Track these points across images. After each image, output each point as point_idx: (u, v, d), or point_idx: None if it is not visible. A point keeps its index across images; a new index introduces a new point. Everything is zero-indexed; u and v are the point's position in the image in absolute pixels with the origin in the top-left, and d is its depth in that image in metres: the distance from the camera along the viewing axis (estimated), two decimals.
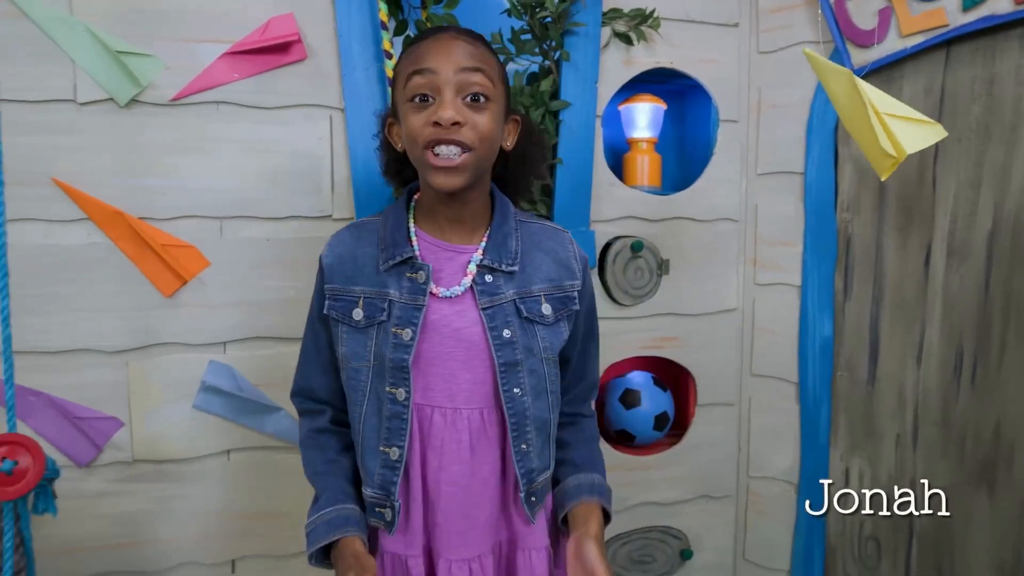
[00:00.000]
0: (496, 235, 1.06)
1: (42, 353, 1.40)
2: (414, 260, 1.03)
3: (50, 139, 1.38)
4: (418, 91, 0.97)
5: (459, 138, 0.96)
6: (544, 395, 1.07)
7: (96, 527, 1.46)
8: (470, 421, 1.03)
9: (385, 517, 1.04)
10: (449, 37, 1.00)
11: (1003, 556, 1.55)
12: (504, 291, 1.03)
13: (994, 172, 1.51)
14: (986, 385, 1.54)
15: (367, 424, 1.04)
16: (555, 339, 1.08)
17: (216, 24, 1.43)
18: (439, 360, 1.02)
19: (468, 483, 1.03)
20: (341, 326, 1.05)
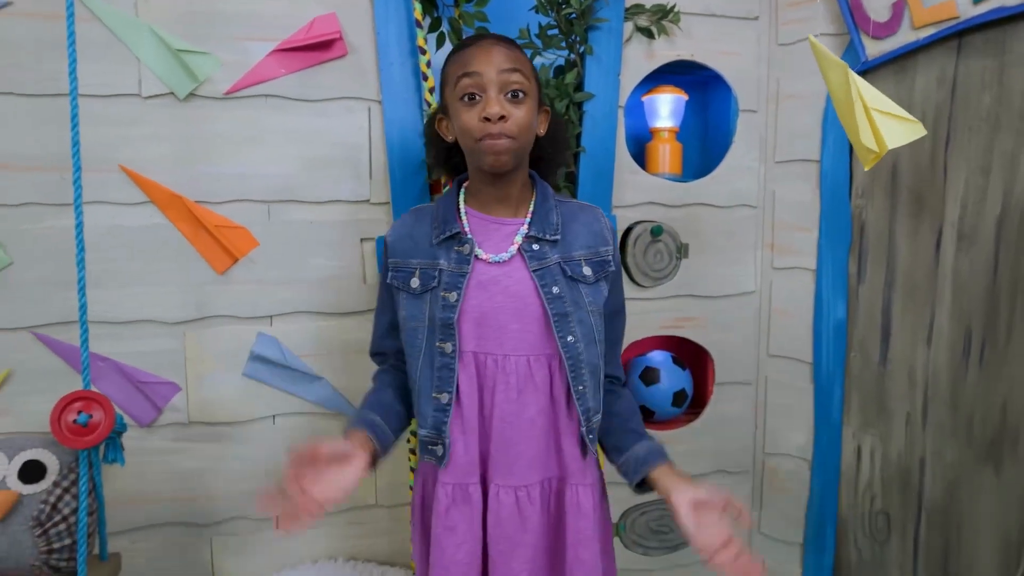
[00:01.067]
0: (539, 211, 1.22)
1: (109, 323, 1.55)
2: (461, 235, 1.19)
3: (117, 130, 1.53)
4: (467, 91, 1.13)
5: (504, 130, 1.12)
6: (594, 343, 1.21)
7: (156, 482, 1.61)
8: (517, 366, 1.18)
9: (437, 453, 1.19)
10: (489, 43, 1.16)
11: (1008, 531, 1.60)
12: (550, 256, 1.19)
13: (1003, 160, 1.55)
14: (993, 366, 1.59)
15: (422, 375, 1.19)
16: (597, 296, 1.22)
17: (265, 24, 1.57)
18: (491, 313, 1.18)
19: (516, 420, 1.18)
20: (401, 293, 1.22)
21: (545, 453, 1.21)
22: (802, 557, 1.92)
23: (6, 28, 1.47)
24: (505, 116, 1.12)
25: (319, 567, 1.65)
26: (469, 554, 1.19)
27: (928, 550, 1.73)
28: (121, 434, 1.35)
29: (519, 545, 1.19)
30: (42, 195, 1.51)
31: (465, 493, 1.19)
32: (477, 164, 1.19)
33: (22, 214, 1.51)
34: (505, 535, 1.19)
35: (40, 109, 1.49)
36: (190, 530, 1.64)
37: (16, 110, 1.49)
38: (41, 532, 1.26)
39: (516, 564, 1.19)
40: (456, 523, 1.19)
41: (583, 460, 1.22)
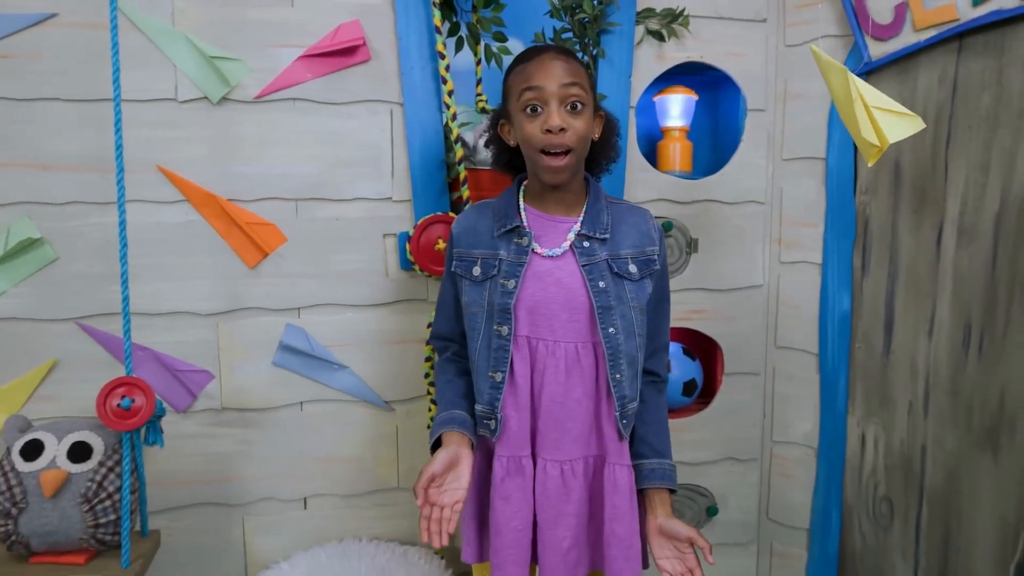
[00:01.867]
0: (591, 211, 1.31)
1: (147, 314, 1.65)
2: (520, 228, 1.30)
3: (155, 132, 1.62)
4: (530, 103, 1.23)
5: (564, 141, 1.22)
6: (633, 336, 1.30)
7: (191, 464, 1.71)
8: (566, 351, 1.28)
9: (490, 427, 1.29)
10: (550, 57, 1.24)
11: (1005, 516, 1.65)
12: (599, 253, 1.29)
13: (1002, 157, 1.61)
14: (992, 356, 1.65)
15: (480, 355, 1.30)
16: (640, 293, 1.31)
17: (293, 31, 1.65)
18: (544, 303, 1.28)
19: (563, 400, 1.28)
20: (464, 280, 1.32)
21: (588, 432, 1.30)
22: (808, 542, 1.99)
23: (51, 38, 1.57)
24: (565, 128, 1.21)
25: (344, 545, 1.74)
26: (523, 521, 1.29)
27: (929, 535, 1.78)
28: (160, 418, 1.44)
29: (563, 514, 1.30)
30: (85, 194, 1.61)
31: (519, 465, 1.30)
32: (537, 172, 1.28)
33: (67, 212, 1.61)
34: (551, 504, 1.29)
35: (83, 113, 1.59)
36: (223, 510, 1.74)
37: (61, 114, 1.58)
38: (88, 508, 1.36)
39: (560, 531, 1.29)
40: (511, 492, 1.29)
41: (619, 442, 1.31)
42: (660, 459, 1.36)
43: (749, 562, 2.07)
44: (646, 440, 1.36)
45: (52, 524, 1.34)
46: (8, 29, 1.55)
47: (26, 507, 1.33)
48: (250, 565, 1.75)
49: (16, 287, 1.59)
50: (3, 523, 1.34)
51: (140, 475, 1.44)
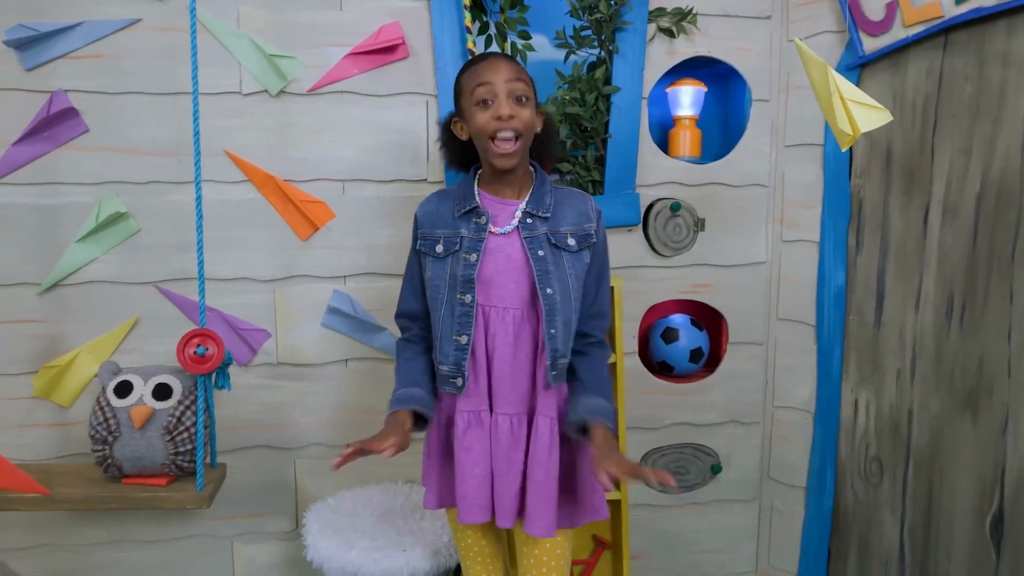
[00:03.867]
0: (536, 194, 1.46)
1: (215, 280, 1.89)
2: (478, 209, 1.44)
3: (223, 122, 1.86)
4: (482, 97, 1.38)
5: (512, 126, 1.37)
6: (569, 300, 1.43)
7: (251, 411, 1.96)
8: (514, 316, 1.43)
9: (457, 384, 1.43)
10: (497, 59, 1.40)
11: (983, 473, 1.80)
12: (539, 229, 1.43)
13: (982, 143, 1.75)
14: (972, 326, 1.80)
15: (444, 322, 1.44)
16: (578, 262, 1.45)
17: (341, 32, 1.88)
18: (496, 275, 1.42)
19: (512, 359, 1.43)
20: (427, 257, 1.47)
21: (529, 388, 1.45)
22: (805, 499, 2.15)
23: (136, 40, 1.82)
24: (513, 115, 1.37)
25: (383, 487, 1.97)
26: (484, 469, 1.44)
27: (915, 492, 1.94)
28: (228, 365, 1.68)
29: (513, 462, 1.44)
30: (163, 175, 1.86)
31: (479, 418, 1.44)
32: (489, 159, 1.42)
33: (147, 191, 1.86)
34: (503, 453, 1.44)
35: (162, 105, 1.84)
36: (278, 452, 1.99)
37: (143, 106, 1.84)
38: (170, 439, 1.61)
39: (511, 477, 1.44)
40: (472, 444, 1.44)
41: (545, 393, 1.44)
42: (599, 399, 1.44)
43: (751, 518, 2.24)
44: (586, 384, 1.47)
45: (140, 451, 1.60)
46: (100, 33, 1.81)
47: (119, 436, 1.59)
48: (300, 501, 1.99)
49: (105, 255, 1.86)
50: (100, 449, 1.60)
51: (211, 414, 1.69)
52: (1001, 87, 1.71)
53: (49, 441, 1.88)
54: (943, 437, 1.87)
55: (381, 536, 1.70)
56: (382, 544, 1.67)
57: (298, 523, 1.97)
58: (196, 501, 1.60)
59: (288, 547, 2.01)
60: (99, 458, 1.62)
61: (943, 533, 1.89)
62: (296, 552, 1.97)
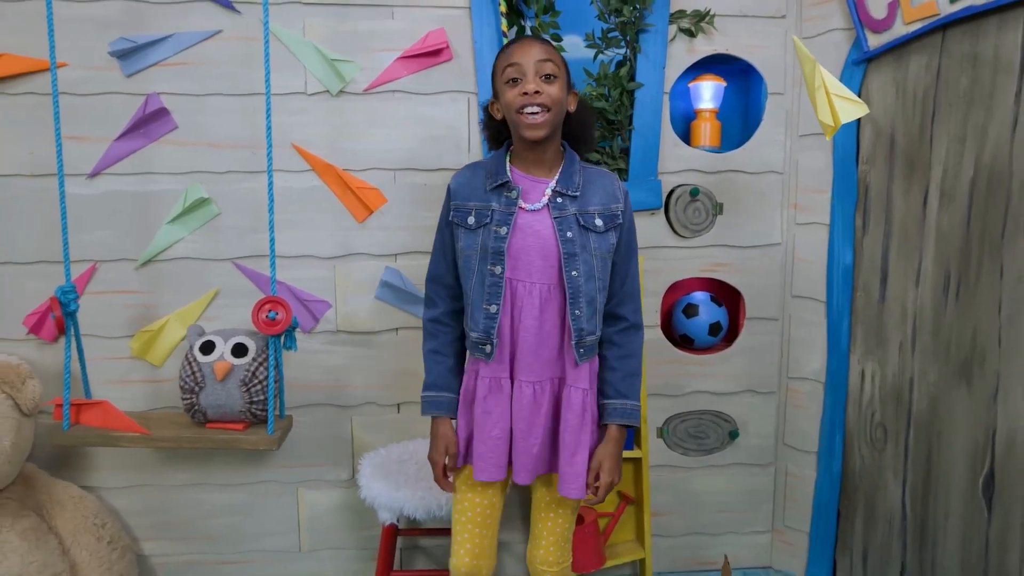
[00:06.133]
0: (565, 173, 1.53)
1: (283, 257, 2.16)
2: (509, 183, 1.51)
3: (290, 118, 2.13)
4: (511, 76, 1.46)
5: (539, 100, 1.44)
6: (593, 280, 1.51)
7: (313, 373, 2.22)
8: (540, 291, 1.50)
9: (486, 351, 1.52)
10: (528, 41, 1.48)
11: (976, 436, 1.95)
12: (569, 208, 1.50)
13: (976, 131, 1.89)
14: (966, 300, 1.94)
15: (475, 292, 1.52)
16: (604, 243, 1.52)
17: (393, 38, 2.12)
18: (523, 250, 1.50)
19: (537, 331, 1.51)
20: (459, 228, 1.54)
21: (554, 358, 1.53)
22: (817, 463, 2.32)
23: (217, 49, 2.10)
24: (540, 91, 1.44)
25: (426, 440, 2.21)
26: (502, 431, 1.54)
27: (915, 455, 2.09)
28: (295, 329, 1.95)
29: (534, 425, 1.53)
30: (239, 165, 2.14)
31: (499, 385, 1.53)
32: (518, 133, 1.48)
33: (226, 179, 2.14)
34: (524, 417, 1.53)
35: (239, 105, 2.11)
36: (337, 410, 2.25)
37: (223, 106, 2.12)
38: (245, 390, 1.88)
39: (532, 439, 1.54)
40: (492, 408, 1.53)
41: (575, 368, 1.53)
42: (623, 400, 1.56)
43: (768, 481, 2.42)
44: (612, 384, 1.57)
45: (221, 399, 1.88)
46: (187, 43, 2.09)
47: (204, 387, 1.87)
48: (356, 451, 2.26)
49: (191, 235, 2.15)
50: (188, 397, 1.89)
51: (280, 370, 1.96)
52: (992, 79, 1.85)
53: (143, 395, 2.18)
54: (940, 404, 2.02)
55: (424, 479, 1.95)
56: (424, 486, 1.92)
57: (354, 472, 2.23)
58: (267, 443, 1.87)
59: (345, 493, 2.27)
60: (187, 405, 1.90)
61: (940, 493, 2.04)
62: (352, 498, 2.23)
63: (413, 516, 1.87)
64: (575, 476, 1.54)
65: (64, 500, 2.05)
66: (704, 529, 2.41)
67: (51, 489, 2.06)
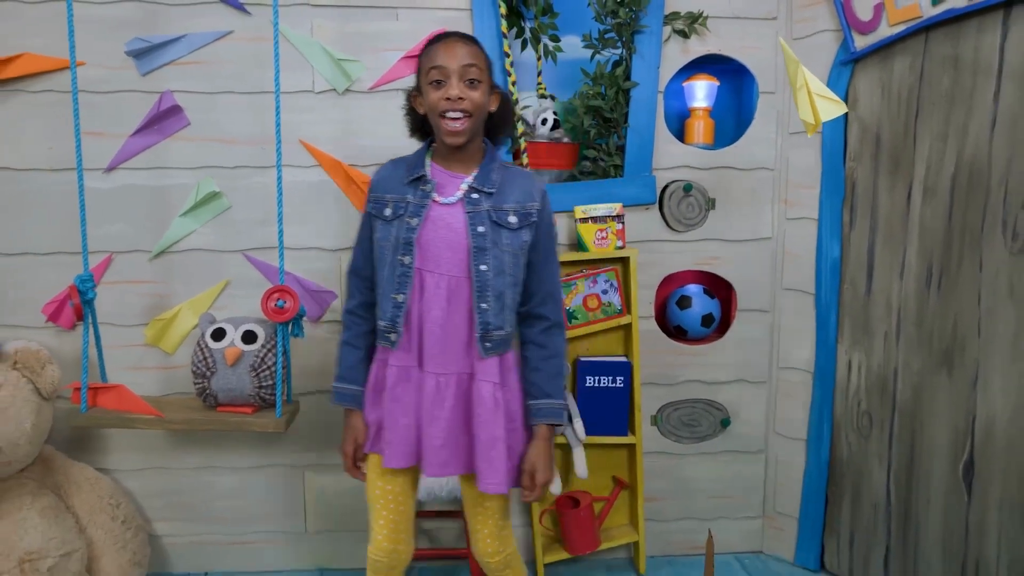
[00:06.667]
0: (484, 170, 1.55)
1: (291, 248, 2.24)
2: (425, 177, 1.54)
3: (298, 115, 2.21)
4: (436, 77, 1.48)
5: (462, 107, 1.47)
6: (504, 275, 1.52)
7: (320, 360, 2.30)
8: (448, 282, 1.52)
9: (391, 339, 1.55)
10: (453, 41, 1.49)
11: (957, 423, 2.03)
12: (483, 204, 1.52)
13: (956, 129, 1.97)
14: (948, 292, 2.02)
15: (386, 281, 1.54)
16: (516, 239, 1.53)
17: (396, 39, 2.21)
18: (433, 241, 1.52)
19: (443, 323, 1.52)
20: (376, 220, 1.56)
21: (461, 352, 1.53)
22: (806, 450, 2.40)
23: (228, 49, 2.18)
24: (463, 98, 1.46)
25: None
26: (409, 419, 1.55)
27: (899, 442, 2.17)
28: (302, 317, 2.03)
29: (436, 418, 1.53)
30: (249, 160, 2.22)
31: (407, 374, 1.55)
32: (439, 134, 1.52)
33: (237, 173, 2.23)
34: (427, 409, 1.54)
35: (249, 102, 2.20)
36: None
37: (234, 103, 2.20)
38: (255, 375, 1.97)
39: (434, 431, 1.53)
40: (400, 396, 1.55)
41: (483, 361, 1.53)
42: (548, 399, 1.58)
43: (759, 468, 2.50)
44: (537, 384, 1.58)
45: (231, 384, 1.96)
46: (199, 44, 2.18)
47: (215, 372, 1.96)
48: None
49: (202, 227, 2.23)
50: (200, 381, 1.97)
51: (288, 356, 2.04)
52: (973, 80, 1.93)
53: (157, 381, 2.27)
54: (923, 392, 2.10)
55: None
56: None
57: None
58: (275, 426, 1.95)
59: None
60: (199, 389, 1.99)
61: (922, 478, 2.12)
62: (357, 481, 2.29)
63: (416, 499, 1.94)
64: (492, 472, 1.54)
65: (80, 481, 2.14)
66: (696, 514, 2.49)
67: (68, 470, 2.15)
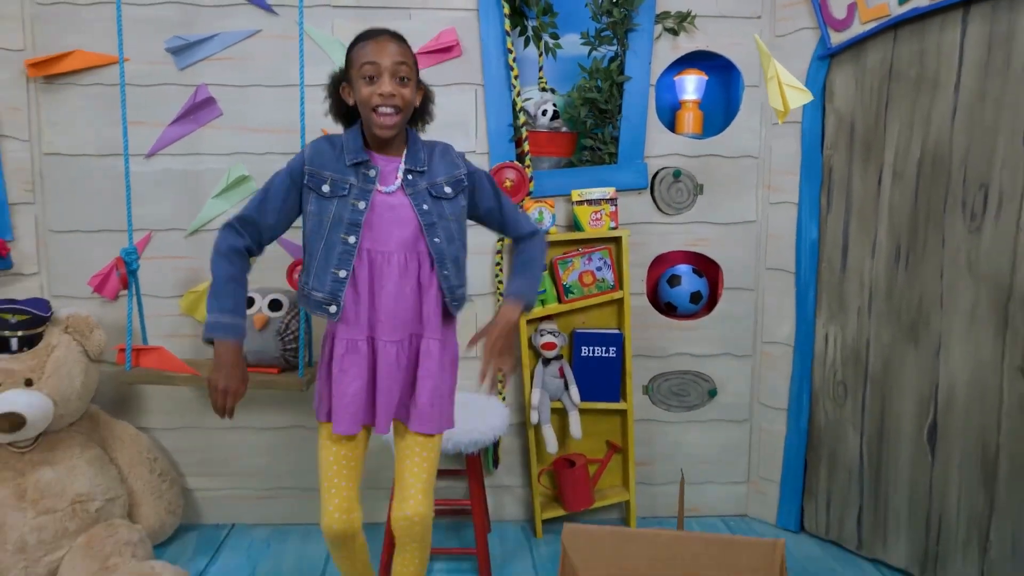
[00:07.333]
0: (411, 152, 1.66)
1: None
2: (369, 163, 1.62)
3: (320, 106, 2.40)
4: (368, 73, 1.56)
5: (393, 103, 1.56)
6: (454, 242, 1.66)
7: None
8: (397, 259, 1.62)
9: (330, 311, 1.61)
10: (386, 40, 1.58)
11: (922, 390, 2.20)
12: (420, 183, 1.64)
13: (922, 117, 2.14)
14: (914, 269, 2.19)
15: (322, 255, 1.60)
16: (456, 207, 1.67)
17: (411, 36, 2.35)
18: (379, 224, 1.61)
19: (396, 296, 1.62)
20: (311, 192, 1.61)
21: (413, 318, 1.65)
22: (787, 419, 2.58)
23: (257, 46, 2.41)
24: (395, 94, 1.55)
25: None
26: (356, 388, 1.62)
27: (871, 409, 2.34)
28: None
29: (396, 380, 1.64)
30: (276, 147, 2.44)
31: (355, 346, 1.63)
32: (370, 127, 1.60)
33: (264, 160, 2.45)
34: (389, 374, 1.63)
35: (276, 94, 2.42)
36: None
37: (262, 95, 2.42)
38: (280, 339, 2.19)
39: (395, 390, 1.65)
40: (348, 367, 1.62)
41: (435, 321, 1.65)
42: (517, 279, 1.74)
43: (743, 436, 2.68)
44: (515, 270, 1.77)
45: (259, 346, 2.18)
46: (231, 41, 2.40)
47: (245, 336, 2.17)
48: None
49: (233, 207, 2.46)
50: None
51: (309, 323, 2.26)
52: (936, 71, 2.10)
53: (190, 347, 2.49)
54: (892, 362, 2.27)
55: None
56: None
57: None
58: (297, 384, 2.17)
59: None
60: None
61: (892, 442, 2.29)
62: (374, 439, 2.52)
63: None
64: (433, 416, 1.67)
65: (123, 437, 2.37)
66: (686, 479, 2.67)
67: (111, 427, 2.38)
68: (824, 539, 2.51)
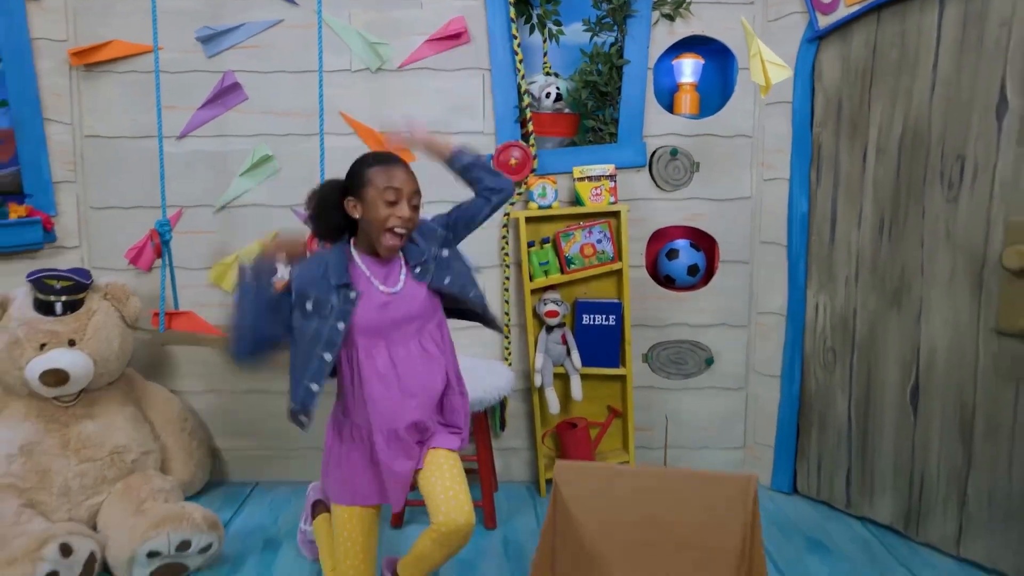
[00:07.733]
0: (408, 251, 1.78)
1: None
2: (350, 285, 1.70)
3: (339, 90, 2.60)
4: (391, 198, 1.68)
5: (408, 226, 1.70)
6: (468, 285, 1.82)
7: None
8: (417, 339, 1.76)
9: (302, 422, 1.72)
10: (405, 170, 1.73)
11: (904, 354, 2.32)
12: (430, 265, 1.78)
13: (903, 95, 2.26)
14: (896, 239, 2.31)
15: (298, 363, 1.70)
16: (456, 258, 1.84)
17: (421, 24, 2.58)
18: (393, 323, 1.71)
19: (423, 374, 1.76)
20: (296, 310, 1.71)
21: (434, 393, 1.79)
22: (780, 385, 2.70)
23: (279, 35, 2.58)
24: (412, 219, 1.71)
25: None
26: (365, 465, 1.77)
27: (858, 374, 2.46)
28: None
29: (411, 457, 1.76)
30: (297, 129, 2.62)
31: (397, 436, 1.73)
32: (378, 242, 1.70)
33: (286, 140, 2.63)
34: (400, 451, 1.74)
35: (297, 80, 2.60)
36: None
37: (284, 81, 2.60)
38: None
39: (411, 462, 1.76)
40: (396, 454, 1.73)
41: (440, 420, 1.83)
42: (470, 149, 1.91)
43: (739, 403, 2.81)
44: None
45: None
46: (256, 30, 2.58)
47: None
48: None
49: (257, 185, 2.64)
50: None
51: None
52: (916, 51, 2.22)
53: (218, 315, 2.66)
54: (877, 328, 2.39)
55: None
56: None
57: None
58: None
59: None
60: None
61: (877, 405, 2.41)
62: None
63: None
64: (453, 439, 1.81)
65: (156, 398, 2.56)
66: (683, 444, 2.81)
67: (146, 389, 2.57)
68: (816, 500, 2.63)
